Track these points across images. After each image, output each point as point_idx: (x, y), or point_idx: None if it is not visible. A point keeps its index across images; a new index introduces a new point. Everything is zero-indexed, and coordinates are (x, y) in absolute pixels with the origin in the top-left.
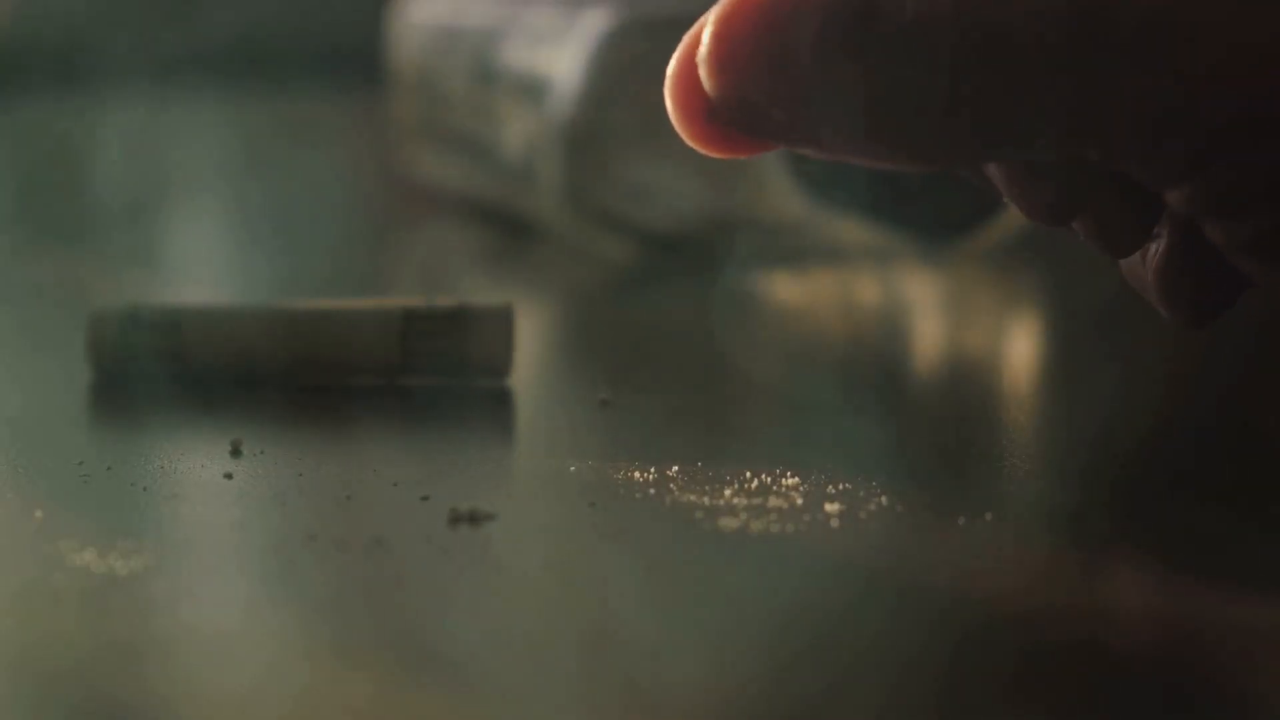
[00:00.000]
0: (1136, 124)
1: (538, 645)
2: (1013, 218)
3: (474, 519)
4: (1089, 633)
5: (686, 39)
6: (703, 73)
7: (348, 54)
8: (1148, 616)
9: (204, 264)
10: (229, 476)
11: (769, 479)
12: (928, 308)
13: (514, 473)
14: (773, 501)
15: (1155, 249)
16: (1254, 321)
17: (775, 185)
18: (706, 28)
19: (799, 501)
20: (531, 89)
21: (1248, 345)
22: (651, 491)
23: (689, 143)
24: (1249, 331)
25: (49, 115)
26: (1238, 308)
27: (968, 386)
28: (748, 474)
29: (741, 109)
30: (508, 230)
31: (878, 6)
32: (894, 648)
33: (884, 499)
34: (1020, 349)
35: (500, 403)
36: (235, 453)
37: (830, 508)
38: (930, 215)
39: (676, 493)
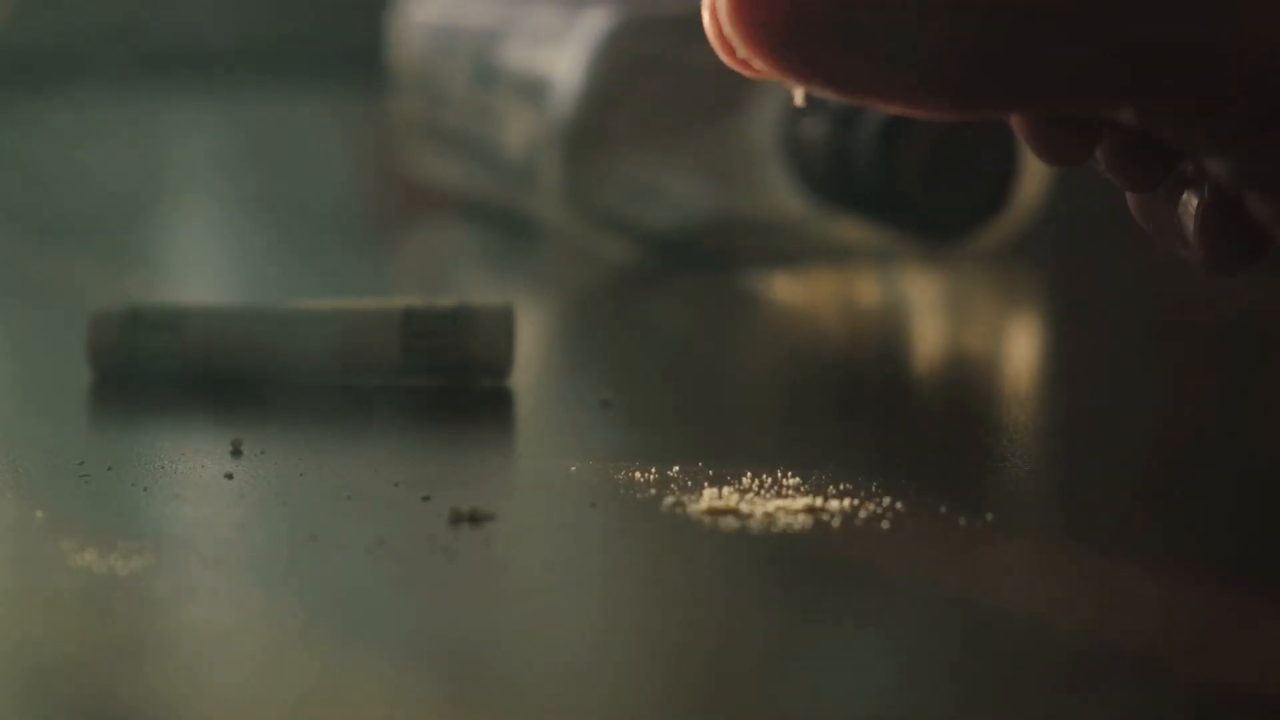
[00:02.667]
0: (1179, 94)
1: (538, 645)
2: (1013, 218)
3: (474, 519)
4: (1090, 633)
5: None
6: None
7: (348, 54)
8: (1148, 616)
9: (204, 264)
10: (229, 476)
11: (769, 479)
12: (928, 308)
13: (514, 473)
14: (773, 502)
15: (1188, 193)
16: (1254, 321)
17: (775, 185)
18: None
19: (799, 501)
20: (531, 89)
21: (1248, 345)
22: (651, 491)
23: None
24: (1249, 331)
25: (49, 114)
26: (1237, 308)
27: (968, 386)
28: (748, 474)
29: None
30: (508, 230)
31: None
32: (894, 648)
33: (884, 499)
34: (1020, 349)
35: (500, 403)
36: (235, 453)
37: (830, 508)
38: (930, 215)
39: (676, 493)
